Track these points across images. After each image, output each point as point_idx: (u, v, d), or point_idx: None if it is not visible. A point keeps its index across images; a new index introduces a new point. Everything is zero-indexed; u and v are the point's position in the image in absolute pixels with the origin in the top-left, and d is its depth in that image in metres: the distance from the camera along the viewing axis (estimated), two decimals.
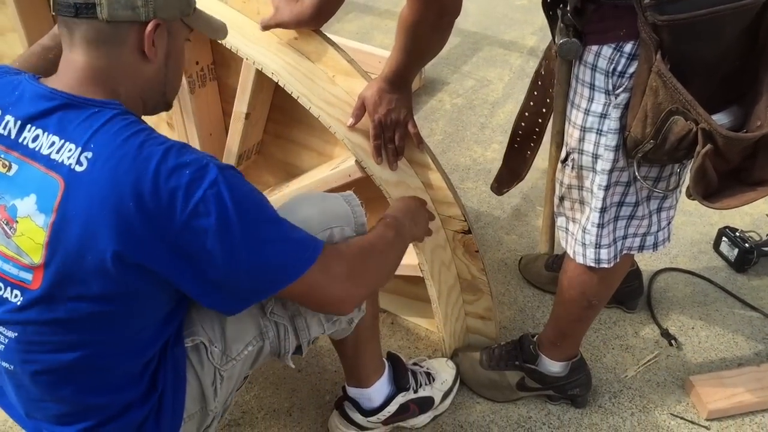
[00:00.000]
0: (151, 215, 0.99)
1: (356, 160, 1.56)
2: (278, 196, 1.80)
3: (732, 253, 2.18)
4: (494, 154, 2.71)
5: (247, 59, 1.59)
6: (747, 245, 2.15)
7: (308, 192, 1.57)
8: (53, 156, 1.01)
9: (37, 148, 1.02)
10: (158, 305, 1.13)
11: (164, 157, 1.01)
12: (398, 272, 1.77)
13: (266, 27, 1.58)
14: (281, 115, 1.82)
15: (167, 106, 1.24)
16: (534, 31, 3.60)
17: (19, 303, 1.05)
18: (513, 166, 1.75)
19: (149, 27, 1.09)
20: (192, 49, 1.71)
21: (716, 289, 2.12)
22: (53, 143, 1.02)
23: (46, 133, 1.03)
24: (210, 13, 1.40)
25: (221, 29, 1.30)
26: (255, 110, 1.75)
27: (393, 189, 1.57)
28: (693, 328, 2.00)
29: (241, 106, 1.72)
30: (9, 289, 1.05)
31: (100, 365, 1.11)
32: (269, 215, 1.10)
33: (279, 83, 1.56)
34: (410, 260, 1.70)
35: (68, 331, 1.06)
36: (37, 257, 1.01)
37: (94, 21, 1.06)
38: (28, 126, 1.04)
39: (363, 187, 1.55)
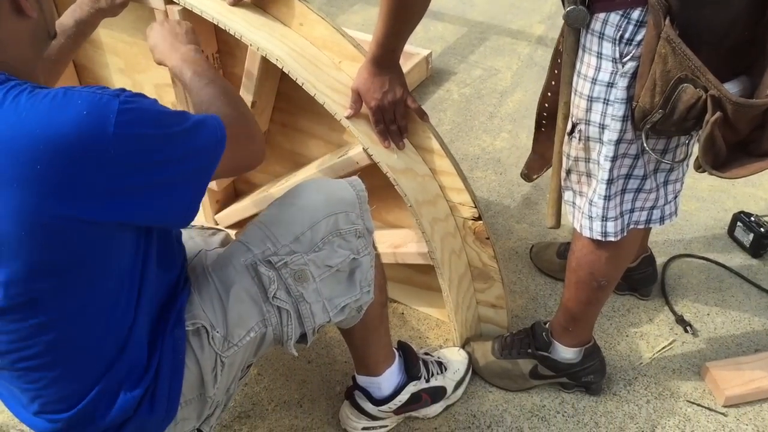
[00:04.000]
0: (61, 166, 0.92)
1: (363, 148, 1.54)
2: (286, 185, 1.79)
3: (747, 239, 2.15)
4: (503, 143, 2.68)
5: (251, 45, 1.57)
6: (762, 230, 2.11)
7: (313, 178, 1.55)
8: None
9: None
10: (111, 272, 1.06)
11: (53, 106, 0.94)
12: (408, 261, 1.77)
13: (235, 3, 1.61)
14: (287, 103, 1.80)
15: (52, 37, 1.16)
16: (542, 20, 3.56)
17: None
18: (542, 151, 1.71)
19: None
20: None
21: (731, 275, 2.09)
22: None
23: None
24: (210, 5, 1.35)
25: None
26: (261, 99, 1.73)
27: (400, 176, 1.55)
28: (708, 314, 1.97)
29: (246, 94, 1.70)
30: None
31: (79, 345, 1.07)
32: (176, 113, 1.05)
33: (284, 70, 1.54)
34: (420, 248, 1.68)
35: (35, 314, 1.02)
36: None
37: None
38: None
39: (371, 174, 1.53)
